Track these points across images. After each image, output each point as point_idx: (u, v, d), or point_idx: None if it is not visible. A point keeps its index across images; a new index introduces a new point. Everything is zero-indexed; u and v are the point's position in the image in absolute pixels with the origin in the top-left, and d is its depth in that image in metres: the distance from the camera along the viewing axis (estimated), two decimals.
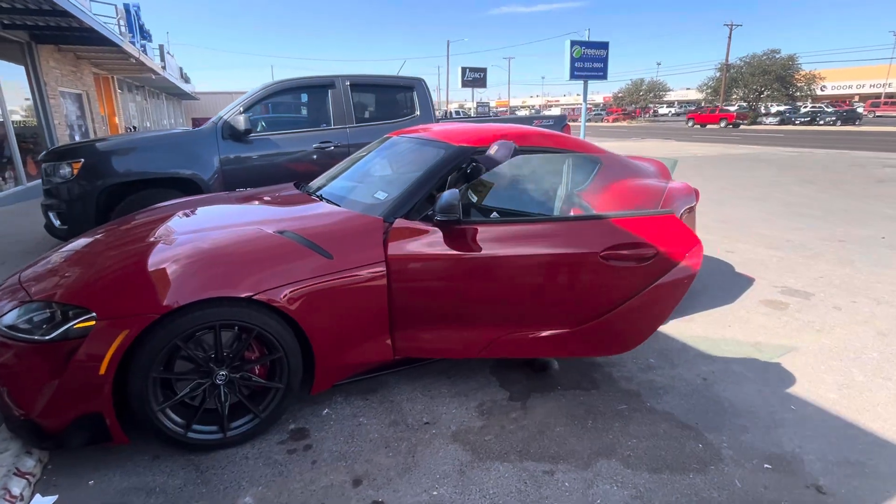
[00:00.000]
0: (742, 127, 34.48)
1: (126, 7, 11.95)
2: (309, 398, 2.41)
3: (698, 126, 36.11)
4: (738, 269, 4.40)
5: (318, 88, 4.75)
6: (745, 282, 4.06)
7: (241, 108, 4.41)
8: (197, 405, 2.04)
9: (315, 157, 4.59)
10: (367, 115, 4.90)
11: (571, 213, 2.81)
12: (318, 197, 2.79)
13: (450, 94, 56.90)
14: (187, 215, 2.64)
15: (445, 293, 2.29)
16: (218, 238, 2.17)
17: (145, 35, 13.83)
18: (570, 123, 6.73)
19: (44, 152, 4.20)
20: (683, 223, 2.18)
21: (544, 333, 2.25)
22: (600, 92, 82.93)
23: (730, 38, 40.63)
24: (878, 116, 41.69)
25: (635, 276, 2.15)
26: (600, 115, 55.10)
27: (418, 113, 5.00)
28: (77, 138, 11.54)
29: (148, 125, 22.58)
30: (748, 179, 9.85)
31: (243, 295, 1.95)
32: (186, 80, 27.00)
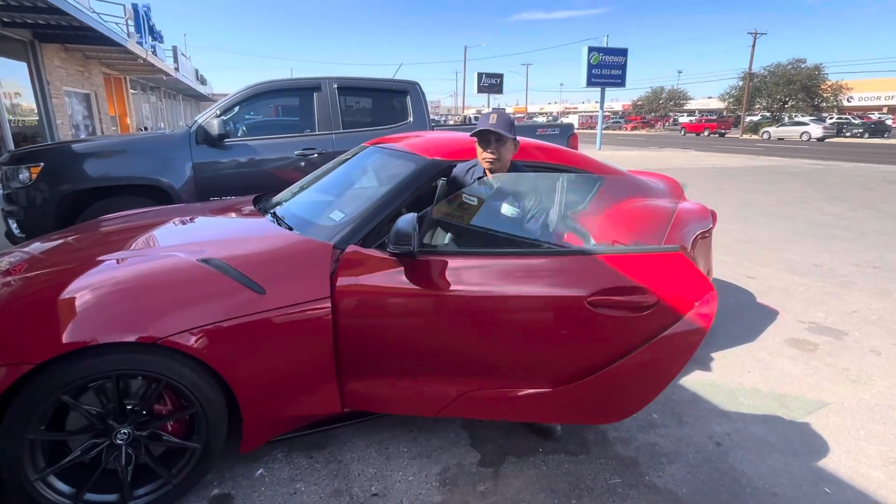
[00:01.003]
0: (751, 136, 33.55)
1: (135, 7, 11.87)
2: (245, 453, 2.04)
3: (692, 135, 38.26)
4: (759, 298, 3.93)
5: (302, 91, 4.42)
6: (767, 315, 3.60)
7: (218, 112, 4.10)
8: (92, 467, 1.68)
9: (298, 164, 4.25)
10: (355, 120, 4.56)
11: (565, 239, 2.41)
12: (270, 215, 2.44)
13: (466, 100, 56.69)
14: (110, 235, 2.31)
15: (403, 337, 1.91)
16: (123, 269, 1.82)
17: (156, 36, 13.77)
18: (588, 131, 6.30)
19: (5, 154, 3.93)
20: (693, 264, 1.75)
21: (520, 392, 1.83)
22: (619, 99, 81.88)
23: (753, 46, 39.61)
24: None
25: (630, 329, 1.72)
26: (619, 122, 54.26)
27: (411, 119, 4.64)
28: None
29: (162, 126, 22.68)
30: (772, 194, 9.29)
31: (145, 340, 1.59)
32: (203, 82, 27.14)
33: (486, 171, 2.25)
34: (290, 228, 2.23)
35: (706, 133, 37.80)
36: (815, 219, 7.03)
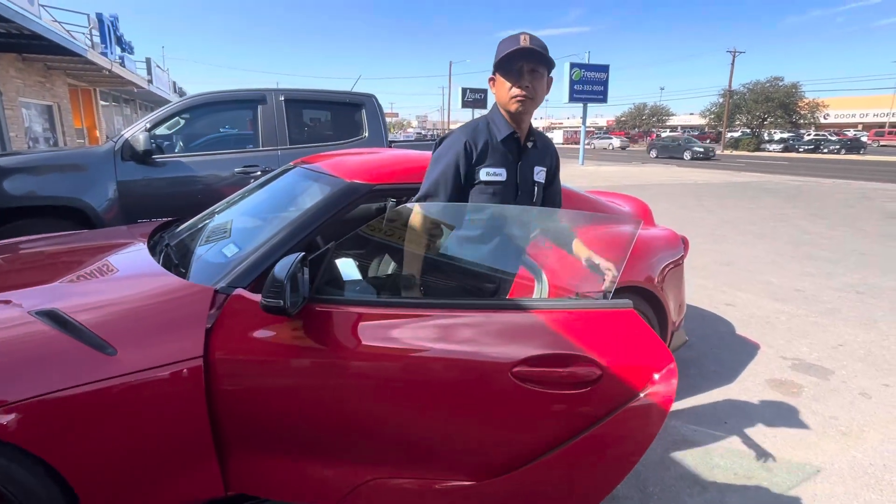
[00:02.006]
0: (739, 152, 33.94)
1: (99, 17, 11.45)
2: None
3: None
4: (739, 329, 3.63)
5: (245, 104, 4.06)
6: (747, 350, 3.29)
7: (147, 125, 3.72)
8: None
9: (239, 183, 3.87)
10: (304, 135, 4.20)
11: (515, 275, 2.06)
12: (158, 249, 2.06)
13: (452, 115, 56.84)
14: None
15: (295, 407, 1.53)
16: None
17: (125, 47, 13.34)
18: (572, 146, 5.99)
19: None
20: (648, 326, 1.38)
21: (437, 485, 1.44)
22: (603, 115, 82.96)
23: (733, 64, 40.34)
24: (882, 146, 41.17)
25: (567, 409, 1.32)
26: (604, 138, 54.69)
27: (367, 134, 4.30)
28: None
29: None
30: (752, 211, 9.12)
31: None
32: (181, 95, 26.69)
33: (509, 119, 1.57)
34: (177, 266, 1.86)
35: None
36: (796, 238, 6.82)
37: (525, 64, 1.50)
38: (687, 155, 27.95)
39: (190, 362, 1.47)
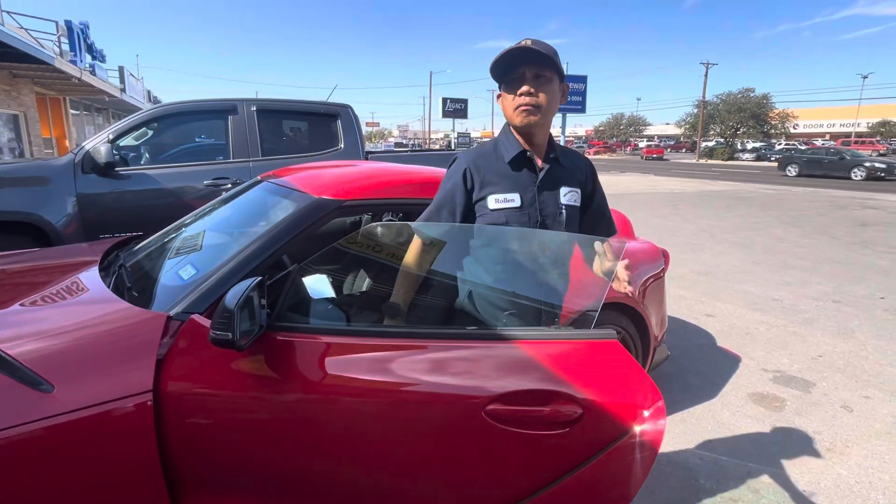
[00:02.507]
0: (717, 161, 34.67)
1: (69, 25, 11.12)
2: None
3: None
4: (720, 341, 3.61)
5: (215, 114, 3.93)
6: (728, 363, 3.26)
7: (111, 136, 3.56)
8: None
9: (208, 196, 3.73)
10: (277, 146, 4.08)
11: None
12: (112, 271, 1.92)
13: (433, 125, 57.03)
14: None
15: (258, 446, 1.42)
16: None
17: (96, 55, 12.99)
18: None
19: None
20: (634, 359, 1.28)
21: None
22: (582, 125, 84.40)
23: (706, 76, 41.42)
24: None
25: (546, 451, 1.20)
26: (582, 147, 55.49)
27: (342, 145, 4.20)
28: None
29: None
30: (728, 220, 9.25)
31: None
32: (156, 104, 26.17)
33: (519, 137, 1.38)
34: (130, 289, 1.73)
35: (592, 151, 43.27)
36: (772, 246, 6.91)
37: (527, 69, 1.30)
38: (858, 174, 19.18)
39: (137, 398, 1.33)
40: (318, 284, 2.15)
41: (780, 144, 41.38)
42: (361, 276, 2.49)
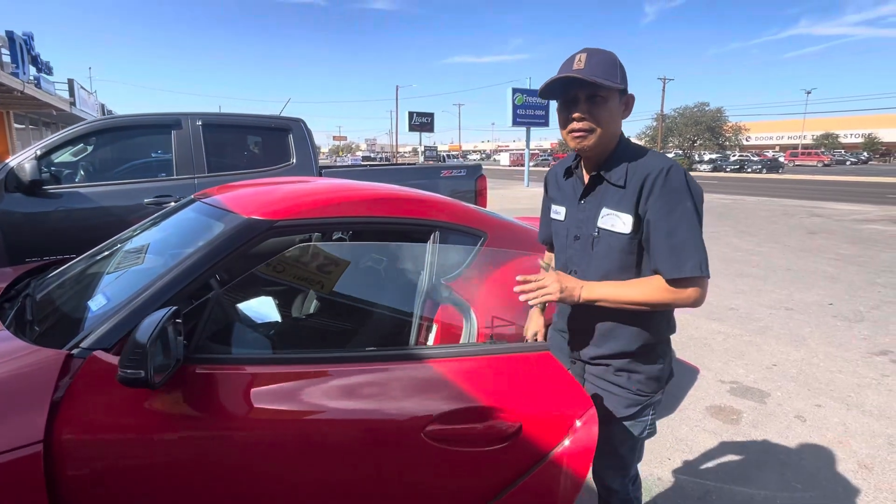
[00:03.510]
0: None
1: (10, 35, 10.57)
2: None
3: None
4: (679, 353, 3.61)
5: (156, 129, 3.73)
6: (687, 375, 3.25)
7: (38, 153, 3.32)
8: None
9: (149, 215, 3.51)
10: (225, 162, 3.91)
11: (438, 313, 1.89)
12: (11, 301, 1.73)
13: (400, 138, 57.07)
14: None
15: (174, 489, 1.27)
16: None
17: (41, 67, 12.41)
18: (518, 168, 5.96)
19: None
20: (566, 370, 1.26)
21: None
22: (548, 138, 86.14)
23: (663, 90, 43.03)
24: (797, 165, 44.85)
25: (487, 466, 1.19)
26: (547, 160, 56.55)
27: (294, 161, 4.06)
28: None
29: None
30: None
31: None
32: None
33: (581, 162, 1.33)
34: (31, 323, 1.56)
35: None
36: (727, 255, 7.09)
37: (579, 91, 1.20)
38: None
39: (24, 450, 1.17)
40: (254, 309, 2.01)
41: (734, 156, 43.22)
42: (311, 295, 2.37)
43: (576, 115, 1.21)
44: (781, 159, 41.57)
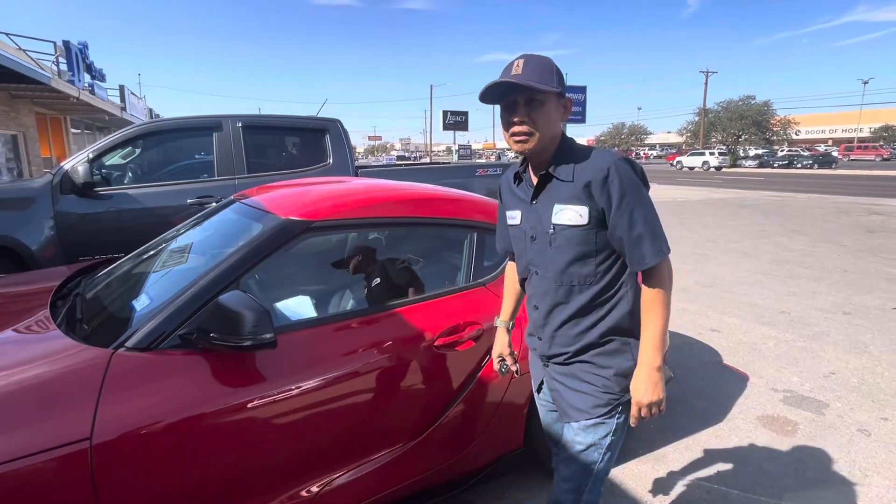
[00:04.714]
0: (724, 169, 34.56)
1: (66, 45, 11.18)
2: None
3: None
4: (726, 358, 3.44)
5: (199, 131, 3.84)
6: (736, 382, 3.08)
7: (90, 156, 3.46)
8: None
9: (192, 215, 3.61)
10: (264, 163, 3.98)
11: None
12: (64, 302, 1.79)
13: (434, 137, 57.26)
14: None
15: (239, 457, 1.35)
16: None
17: (95, 74, 13.06)
18: None
19: None
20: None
21: (381, 458, 1.63)
22: (583, 135, 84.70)
23: (706, 84, 41.48)
24: (852, 160, 42.36)
25: (466, 359, 1.79)
26: None
27: (331, 161, 4.10)
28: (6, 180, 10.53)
29: None
30: (734, 229, 9.08)
31: None
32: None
33: (528, 166, 1.35)
34: (80, 321, 1.60)
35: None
36: (778, 255, 6.74)
37: (518, 95, 1.22)
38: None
39: (72, 446, 1.21)
40: (291, 308, 2.02)
41: (782, 151, 41.25)
42: (347, 293, 2.38)
43: (515, 118, 1.23)
44: (835, 154, 39.29)
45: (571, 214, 1.24)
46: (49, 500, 1.19)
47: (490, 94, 1.25)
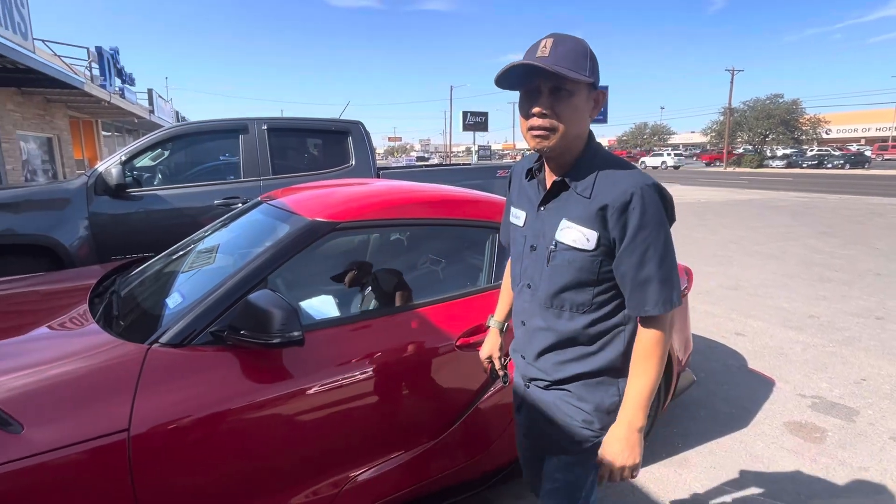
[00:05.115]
0: (746, 169, 33.80)
1: (99, 50, 11.56)
2: None
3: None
4: (751, 363, 3.37)
5: (225, 133, 3.93)
6: (761, 387, 3.03)
7: (123, 158, 3.58)
8: None
9: (218, 216, 3.71)
10: (288, 164, 4.05)
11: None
12: (101, 299, 1.87)
13: (454, 138, 57.31)
14: None
15: (268, 451, 1.41)
16: None
17: (125, 78, 13.47)
18: None
19: None
20: None
21: (410, 453, 1.67)
22: (605, 135, 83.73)
23: (732, 83, 40.57)
24: (886, 160, 40.94)
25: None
26: None
27: (353, 162, 4.15)
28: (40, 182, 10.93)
29: None
30: (759, 230, 8.88)
31: None
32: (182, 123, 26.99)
33: (544, 164, 1.17)
34: (117, 318, 1.67)
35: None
36: (806, 258, 6.57)
37: (542, 81, 1.03)
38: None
39: (110, 437, 1.26)
40: (325, 300, 2.06)
41: (811, 150, 40.11)
42: (369, 294, 2.41)
43: (536, 109, 1.04)
44: (868, 153, 38.03)
45: (577, 235, 1.07)
46: (90, 488, 1.24)
47: (509, 78, 1.06)
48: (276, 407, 1.44)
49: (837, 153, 37.23)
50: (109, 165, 3.51)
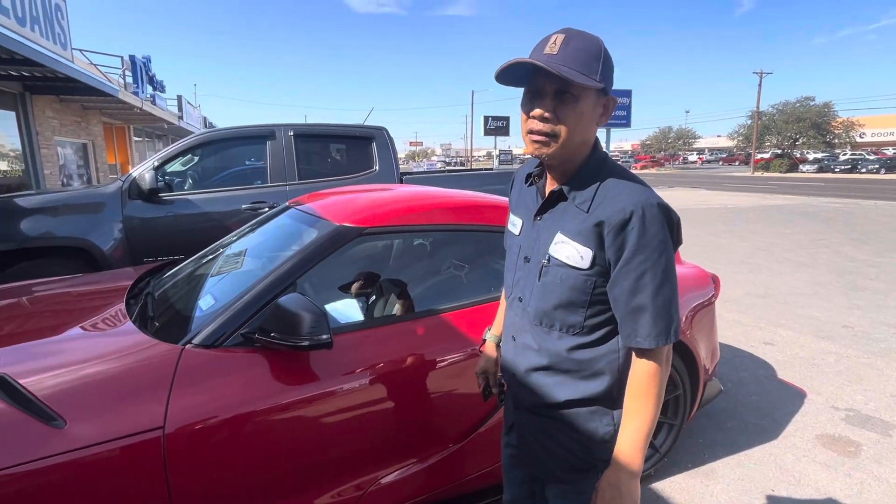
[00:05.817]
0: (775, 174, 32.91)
1: (132, 59, 11.97)
2: None
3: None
4: (780, 373, 3.29)
5: (253, 139, 4.03)
6: (791, 398, 2.95)
7: (156, 163, 3.70)
8: None
9: (246, 220, 3.80)
10: (314, 169, 4.13)
11: None
12: (137, 300, 1.93)
13: (475, 143, 57.34)
14: None
15: (291, 452, 1.44)
16: None
17: (157, 86, 13.89)
18: None
19: None
20: None
21: (433, 456, 1.68)
22: (628, 139, 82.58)
23: (760, 85, 39.61)
24: None
25: None
26: (628, 162, 54.23)
27: (377, 168, 4.20)
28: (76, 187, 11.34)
29: None
30: (788, 237, 8.64)
31: None
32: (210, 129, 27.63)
33: (544, 170, 1.09)
34: (152, 319, 1.73)
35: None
36: (839, 265, 6.37)
37: (548, 82, 0.95)
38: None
39: (146, 434, 1.31)
40: (350, 304, 2.09)
41: (844, 154, 38.87)
42: (392, 298, 2.45)
43: (536, 111, 0.96)
44: None
45: (571, 252, 1.00)
46: (127, 482, 1.29)
47: (511, 75, 0.97)
48: (304, 408, 1.47)
49: (872, 157, 35.98)
50: (143, 170, 3.63)
